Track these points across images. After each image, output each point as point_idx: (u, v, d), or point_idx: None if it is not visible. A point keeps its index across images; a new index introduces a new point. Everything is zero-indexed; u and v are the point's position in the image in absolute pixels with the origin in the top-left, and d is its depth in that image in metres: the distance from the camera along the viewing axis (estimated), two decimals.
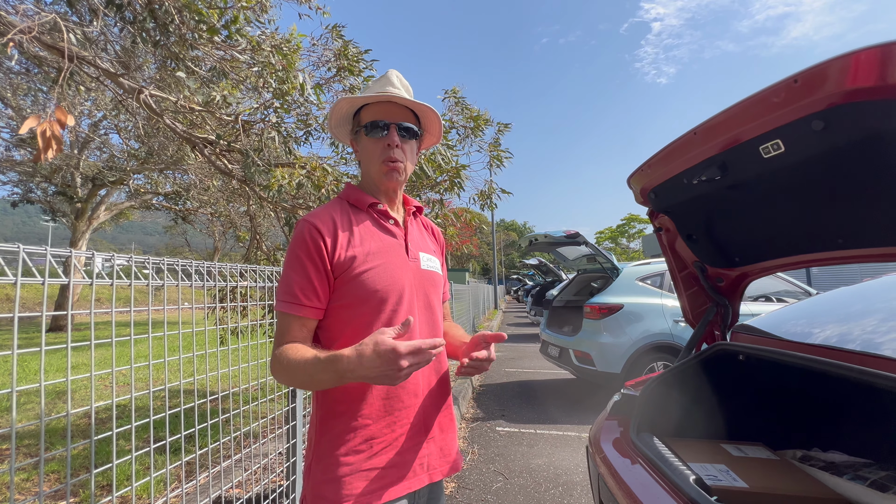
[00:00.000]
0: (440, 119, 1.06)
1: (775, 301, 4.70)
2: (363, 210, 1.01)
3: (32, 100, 8.26)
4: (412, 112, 1.03)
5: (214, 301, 1.99)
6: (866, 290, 1.96)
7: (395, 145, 0.98)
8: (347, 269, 0.91)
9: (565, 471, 3.09)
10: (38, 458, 1.03)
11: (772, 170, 1.10)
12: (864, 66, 0.76)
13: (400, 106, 1.01)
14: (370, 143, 1.00)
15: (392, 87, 1.01)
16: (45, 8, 3.51)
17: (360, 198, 1.02)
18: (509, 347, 9.39)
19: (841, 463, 1.41)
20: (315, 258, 0.90)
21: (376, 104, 1.00)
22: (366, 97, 0.99)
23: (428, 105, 1.01)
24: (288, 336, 0.90)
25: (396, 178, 1.00)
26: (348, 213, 0.99)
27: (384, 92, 0.99)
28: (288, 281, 0.91)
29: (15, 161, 11.95)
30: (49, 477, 2.90)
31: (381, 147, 0.98)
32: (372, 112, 1.00)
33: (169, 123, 3.25)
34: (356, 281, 0.91)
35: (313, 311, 0.91)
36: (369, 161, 1.01)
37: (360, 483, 0.87)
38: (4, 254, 0.96)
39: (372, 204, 1.01)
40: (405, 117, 1.01)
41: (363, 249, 0.94)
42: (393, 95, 0.98)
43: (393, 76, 1.03)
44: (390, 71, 1.05)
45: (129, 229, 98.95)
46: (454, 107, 3.71)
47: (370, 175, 1.03)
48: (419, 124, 1.06)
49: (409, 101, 1.00)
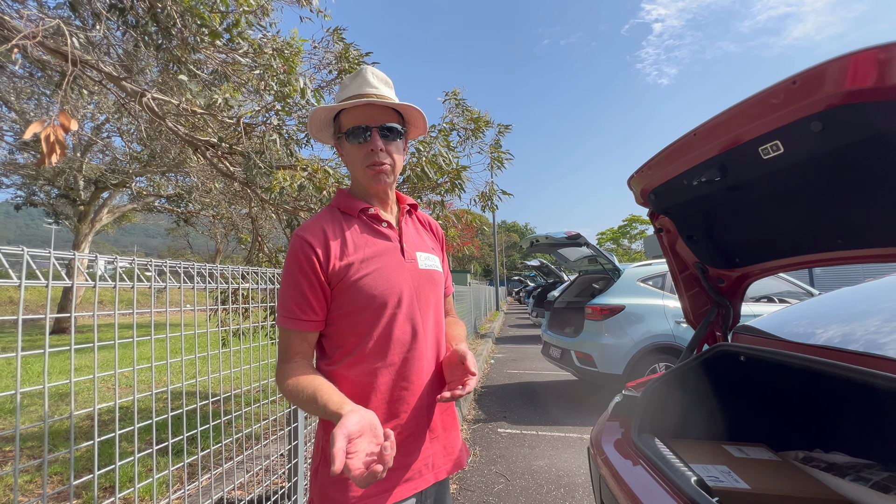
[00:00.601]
0: (423, 113, 1.01)
1: (777, 302, 4.69)
2: (354, 216, 1.00)
3: (36, 103, 8.31)
4: (392, 110, 1.00)
5: (216, 303, 2.00)
6: (868, 291, 1.95)
7: (379, 149, 0.96)
8: (343, 278, 0.91)
9: (567, 472, 3.08)
10: (41, 460, 1.03)
11: (771, 171, 1.10)
12: (861, 68, 0.76)
13: (377, 107, 0.97)
14: (353, 149, 0.97)
15: (369, 86, 0.97)
16: (48, 12, 3.54)
17: (350, 204, 1.01)
18: (511, 349, 9.38)
19: (843, 464, 1.41)
20: (308, 272, 0.91)
21: (354, 108, 0.96)
22: (342, 104, 0.95)
23: (407, 104, 0.99)
24: (290, 351, 0.93)
25: (384, 180, 0.98)
26: (340, 221, 0.98)
27: (361, 93, 0.96)
28: (284, 296, 0.93)
29: (18, 164, 12.02)
30: (52, 479, 2.91)
31: (364, 152, 0.96)
32: (352, 116, 0.97)
33: (171, 126, 3.27)
34: (353, 288, 0.91)
35: (311, 325, 0.93)
36: (355, 166, 0.99)
37: None
38: (8, 257, 0.97)
39: (363, 209, 1.00)
40: (386, 117, 0.97)
41: (357, 257, 0.94)
42: (370, 98, 0.95)
43: (368, 73, 0.99)
44: (365, 68, 1.01)
45: (132, 232, 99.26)
46: (455, 108, 3.72)
47: (358, 179, 1.01)
48: (402, 120, 1.02)
49: (387, 102, 0.97)
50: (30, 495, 2.75)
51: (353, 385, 0.92)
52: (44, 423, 1.03)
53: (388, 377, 0.93)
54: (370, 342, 0.92)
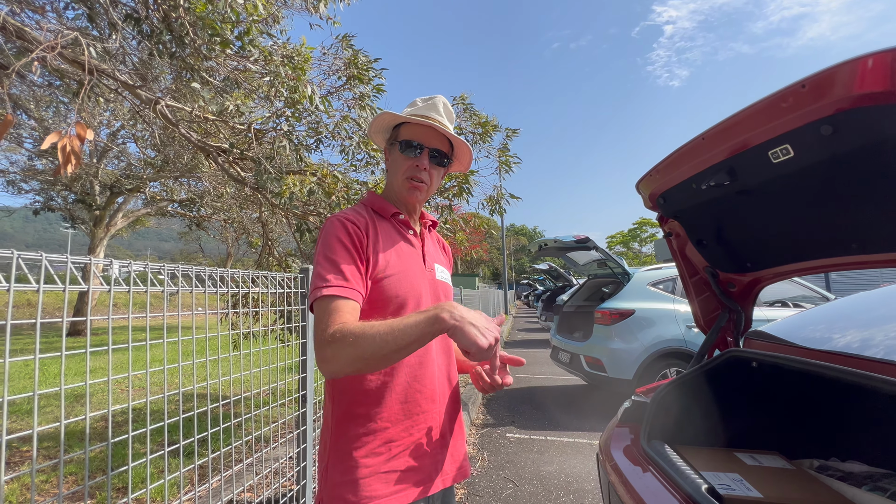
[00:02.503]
0: (472, 153, 1.11)
1: (791, 306, 4.60)
2: (386, 218, 1.05)
3: (54, 111, 8.54)
4: (447, 139, 1.07)
5: (227, 306, 2.02)
6: (886, 296, 1.91)
7: (423, 168, 1.02)
8: (372, 272, 0.93)
9: (576, 478, 3.05)
10: (57, 461, 1.06)
11: (781, 175, 1.09)
12: (873, 71, 0.75)
13: (437, 132, 1.04)
14: (401, 159, 1.04)
15: (437, 113, 1.05)
16: (67, 23, 3.64)
17: (383, 206, 1.06)
18: (519, 353, 9.32)
19: (860, 473, 1.37)
20: (358, 247, 0.92)
21: (417, 125, 1.04)
22: (409, 118, 1.02)
23: (463, 140, 1.07)
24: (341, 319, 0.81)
25: (418, 196, 1.05)
26: (373, 218, 1.02)
27: (428, 116, 1.03)
28: (333, 265, 0.87)
29: (37, 171, 12.35)
30: (67, 479, 2.96)
31: (410, 165, 1.02)
32: (410, 131, 1.04)
33: (184, 133, 3.33)
34: (377, 286, 0.93)
35: (361, 298, 0.87)
36: (396, 173, 1.05)
37: (378, 485, 0.88)
38: (27, 261, 1.00)
39: (394, 213, 1.05)
40: (440, 144, 1.05)
41: (387, 255, 0.96)
42: (434, 122, 1.02)
43: (440, 104, 1.07)
44: (438, 97, 1.08)
45: (146, 236, 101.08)
46: (463, 113, 3.74)
47: (394, 186, 1.07)
48: (451, 153, 1.10)
49: (447, 132, 1.03)
50: (45, 495, 2.80)
51: (368, 381, 0.92)
52: (60, 425, 1.06)
53: (403, 377, 0.94)
54: None
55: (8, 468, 3.21)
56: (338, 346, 0.77)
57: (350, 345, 0.76)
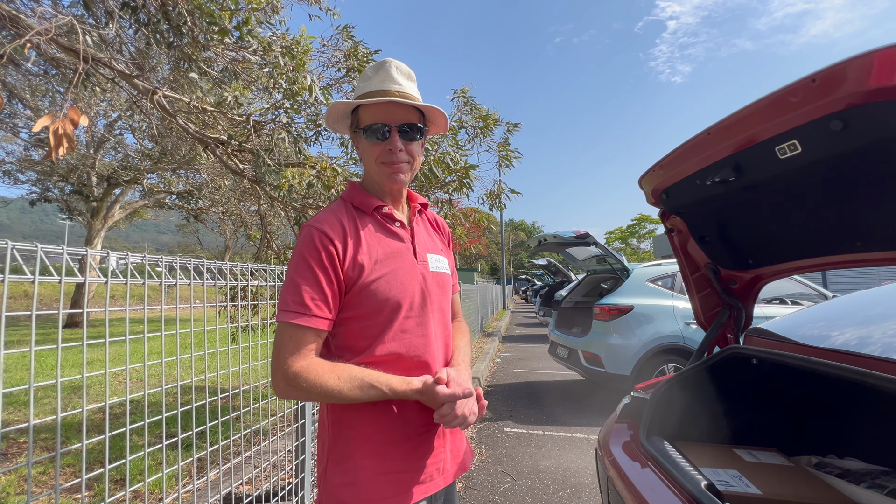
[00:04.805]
0: (444, 113, 0.99)
1: (790, 304, 4.61)
2: (368, 214, 0.96)
3: (50, 100, 8.45)
4: (414, 108, 0.95)
5: (226, 299, 2.01)
6: (886, 294, 1.91)
7: (397, 150, 0.92)
8: (357, 279, 0.88)
9: (574, 473, 3.07)
10: (54, 453, 1.05)
11: (788, 171, 1.08)
12: (886, 66, 0.73)
13: (399, 105, 0.93)
14: (369, 146, 0.94)
15: (392, 82, 0.93)
16: (62, 10, 3.58)
17: (364, 200, 0.97)
18: (517, 347, 9.36)
19: (858, 470, 1.38)
20: (327, 267, 0.86)
21: (375, 104, 0.93)
22: (361, 101, 0.92)
23: (429, 105, 0.96)
24: (305, 349, 0.83)
25: (400, 179, 0.95)
26: (353, 217, 0.94)
27: (383, 89, 0.93)
28: (296, 290, 0.85)
29: (33, 161, 12.25)
30: (65, 471, 2.97)
31: (381, 150, 0.93)
32: (371, 113, 0.93)
33: (182, 124, 3.30)
34: (366, 291, 0.88)
35: (326, 323, 0.86)
36: (369, 162, 0.95)
37: (378, 487, 0.86)
38: (23, 252, 0.98)
39: (377, 207, 0.96)
40: (407, 115, 0.93)
41: (372, 258, 0.90)
42: (391, 95, 0.91)
43: (391, 68, 0.94)
44: (388, 61, 0.95)
45: (143, 228, 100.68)
46: (463, 107, 3.71)
47: (371, 175, 0.98)
48: (423, 118, 0.98)
49: (409, 102, 0.93)
50: (43, 486, 2.80)
51: None
52: (57, 417, 1.05)
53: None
54: (381, 345, 0.89)
55: (5, 459, 3.21)
56: (291, 388, 0.83)
57: (303, 391, 0.83)
